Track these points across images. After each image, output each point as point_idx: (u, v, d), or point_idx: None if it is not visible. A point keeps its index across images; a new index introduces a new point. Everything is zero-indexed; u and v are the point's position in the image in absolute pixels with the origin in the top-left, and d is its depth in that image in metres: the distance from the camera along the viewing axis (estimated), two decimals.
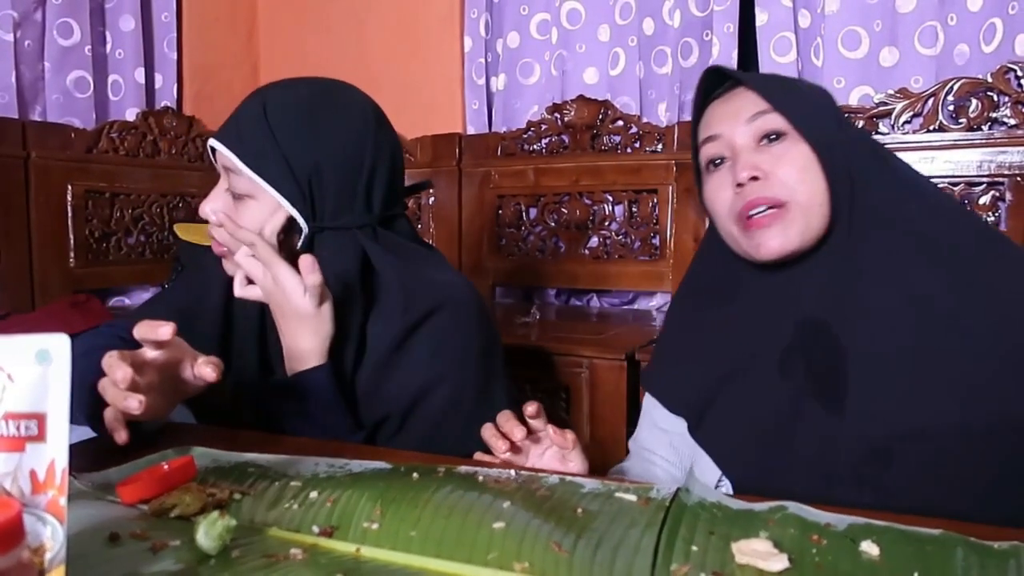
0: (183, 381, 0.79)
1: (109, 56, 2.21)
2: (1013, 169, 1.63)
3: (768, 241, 0.83)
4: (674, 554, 0.52)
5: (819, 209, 0.83)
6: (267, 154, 0.90)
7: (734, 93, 0.89)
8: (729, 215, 0.87)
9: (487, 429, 0.82)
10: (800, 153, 0.83)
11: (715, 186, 0.89)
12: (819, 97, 0.89)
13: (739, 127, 0.86)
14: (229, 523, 0.51)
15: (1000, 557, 0.52)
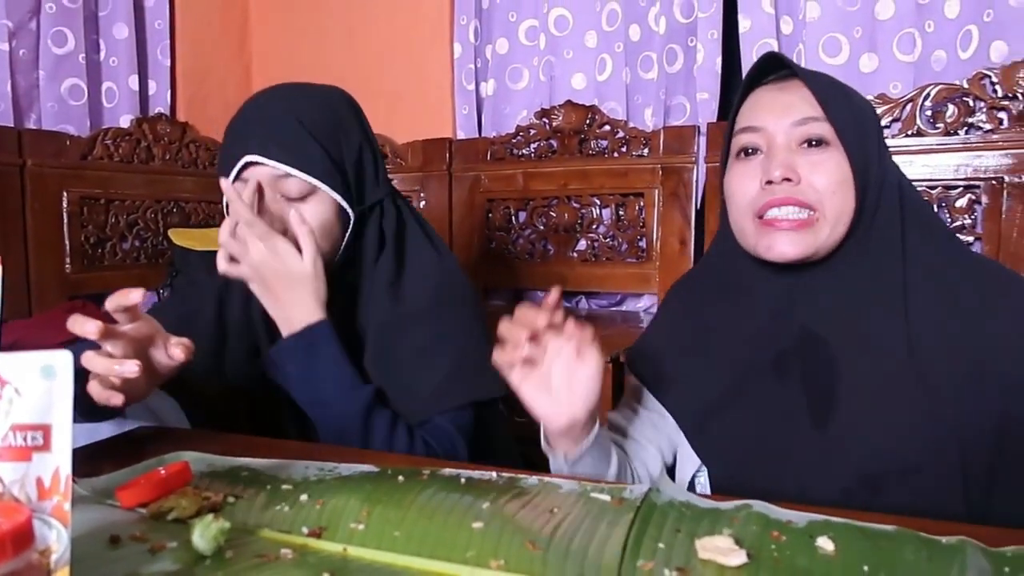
0: (156, 362, 0.82)
1: (103, 64, 2.23)
2: (988, 173, 1.66)
3: (782, 246, 0.81)
4: (641, 551, 0.56)
5: (841, 227, 0.82)
6: (314, 156, 0.95)
7: (788, 84, 0.86)
8: (748, 208, 0.85)
9: (504, 322, 0.77)
10: (838, 166, 0.81)
11: (741, 174, 0.87)
12: (868, 114, 0.88)
13: (784, 125, 0.83)
14: (223, 525, 0.55)
15: (948, 551, 0.55)
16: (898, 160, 1.71)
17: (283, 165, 0.93)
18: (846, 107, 0.84)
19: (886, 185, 0.84)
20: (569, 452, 0.82)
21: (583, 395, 0.78)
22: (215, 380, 1.05)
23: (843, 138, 0.81)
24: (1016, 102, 1.64)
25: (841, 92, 0.86)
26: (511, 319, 0.76)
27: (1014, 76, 1.63)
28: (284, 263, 0.92)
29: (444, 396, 0.99)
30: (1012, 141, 1.64)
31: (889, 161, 0.88)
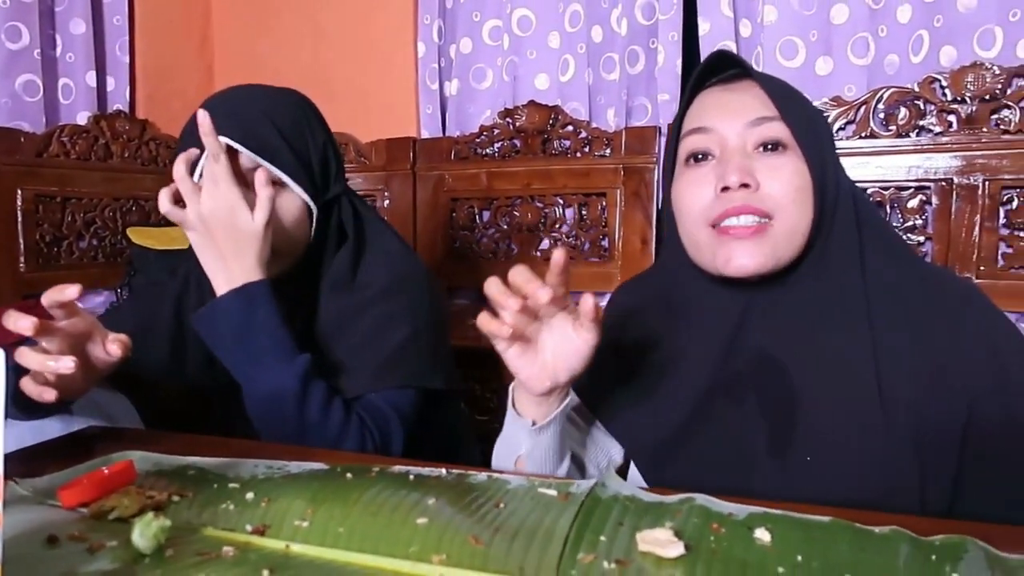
0: (93, 358, 0.81)
1: (59, 59, 2.19)
2: (939, 174, 1.71)
3: (740, 258, 0.76)
4: (583, 544, 0.56)
5: (800, 237, 0.77)
6: (282, 151, 0.96)
7: (738, 85, 0.81)
8: (701, 217, 0.79)
9: (492, 283, 0.70)
10: (797, 171, 0.77)
11: (692, 181, 0.80)
12: (822, 120, 0.84)
13: (738, 126, 0.78)
14: (164, 523, 0.54)
15: (880, 541, 0.57)
16: (852, 162, 1.77)
17: (256, 156, 0.94)
18: (801, 108, 0.80)
19: (841, 194, 0.80)
20: (538, 418, 0.79)
21: (569, 366, 0.74)
22: (173, 381, 1.05)
23: (800, 140, 0.77)
24: (964, 106, 1.68)
25: (795, 93, 0.82)
26: (500, 282, 0.69)
27: (962, 80, 1.67)
28: (235, 218, 0.90)
29: (384, 375, 0.98)
30: (961, 144, 1.68)
31: (841, 168, 0.84)
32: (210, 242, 0.92)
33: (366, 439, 0.92)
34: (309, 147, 1.01)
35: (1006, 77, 1.64)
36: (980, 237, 1.67)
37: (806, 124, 0.78)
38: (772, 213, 0.76)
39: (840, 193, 0.80)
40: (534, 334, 0.74)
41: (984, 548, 0.54)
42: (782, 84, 0.82)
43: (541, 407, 0.78)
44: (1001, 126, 1.66)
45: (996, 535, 0.56)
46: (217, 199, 0.90)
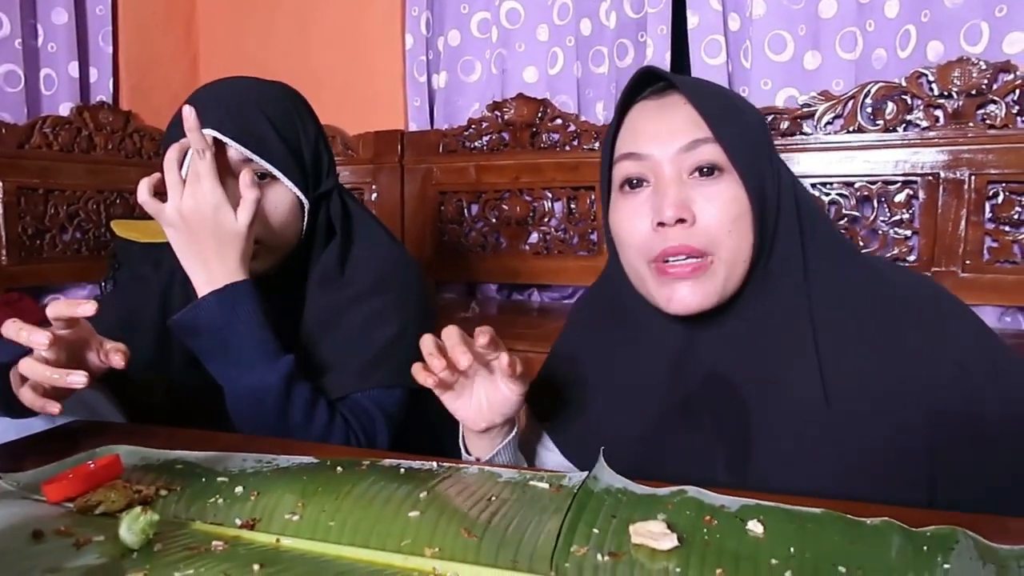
0: (88, 364, 0.80)
1: (41, 50, 2.16)
2: (926, 168, 1.72)
3: (683, 298, 0.74)
4: (576, 537, 0.56)
5: (742, 265, 0.75)
6: (274, 144, 0.95)
7: (668, 100, 0.78)
8: (640, 253, 0.77)
9: (427, 341, 0.74)
10: (734, 198, 0.74)
11: (629, 213, 0.78)
12: (756, 124, 0.80)
13: (671, 153, 0.75)
14: (152, 518, 0.54)
15: (871, 532, 0.57)
16: (840, 156, 1.78)
17: (245, 149, 0.92)
18: (735, 122, 0.76)
19: (783, 207, 0.77)
20: (482, 454, 0.83)
21: (501, 411, 0.79)
22: (157, 377, 1.03)
23: (736, 161, 0.74)
24: (951, 100, 1.69)
25: (727, 104, 0.78)
26: (435, 342, 0.74)
27: (949, 75, 1.68)
28: (217, 217, 0.88)
29: (369, 375, 0.97)
30: (948, 138, 1.69)
31: (782, 169, 0.80)
32: (190, 240, 0.89)
33: (350, 440, 0.91)
34: (301, 140, 1.00)
35: (992, 72, 1.65)
36: (966, 231, 1.69)
37: (740, 140, 0.75)
38: (710, 249, 0.74)
39: (781, 206, 0.77)
40: (468, 381, 0.79)
41: (975, 539, 0.55)
42: (713, 96, 0.78)
43: (483, 441, 0.83)
44: (987, 121, 1.67)
45: (987, 526, 0.57)
46: (199, 197, 0.88)
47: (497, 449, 0.83)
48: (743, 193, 0.74)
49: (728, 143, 0.74)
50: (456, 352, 0.72)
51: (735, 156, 0.74)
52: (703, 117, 0.74)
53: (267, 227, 0.95)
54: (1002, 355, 0.77)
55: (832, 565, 0.52)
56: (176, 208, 0.88)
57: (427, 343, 0.74)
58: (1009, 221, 1.67)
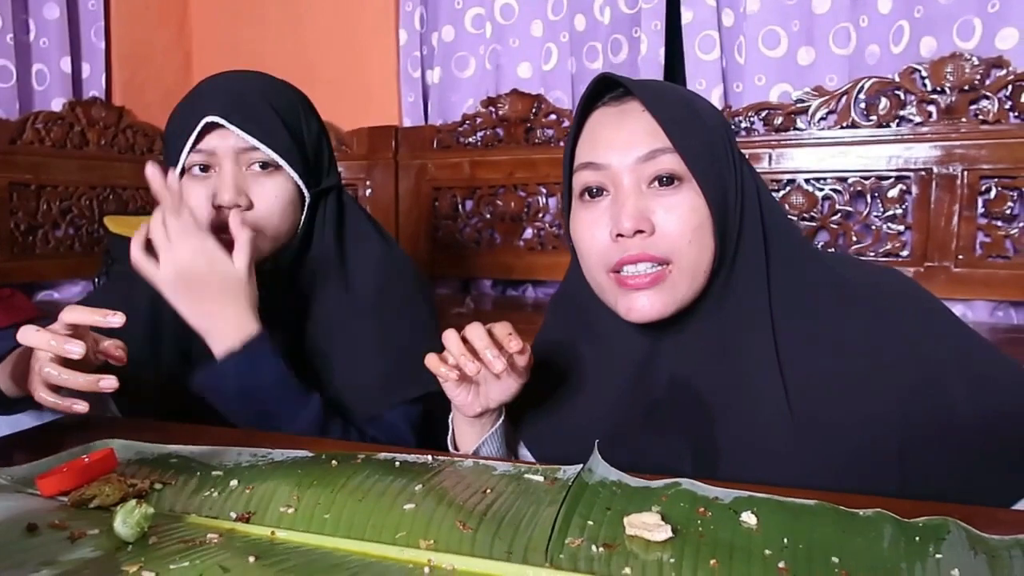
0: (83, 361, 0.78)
1: (33, 45, 2.15)
2: (919, 164, 1.72)
3: (642, 308, 0.75)
4: (570, 529, 0.56)
5: (701, 274, 0.75)
6: (278, 132, 0.94)
7: (627, 107, 0.77)
8: (600, 263, 0.77)
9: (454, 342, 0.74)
10: (694, 208, 0.74)
11: (588, 222, 0.78)
12: (718, 129, 0.78)
13: (630, 163, 0.75)
14: (147, 511, 0.54)
15: (864, 523, 0.57)
16: (833, 151, 1.78)
17: (249, 136, 0.92)
18: (695, 130, 0.75)
19: (746, 209, 0.77)
20: (468, 446, 0.85)
21: (498, 397, 0.81)
22: (147, 374, 1.02)
23: (695, 171, 0.74)
24: (944, 96, 1.70)
25: (686, 111, 0.77)
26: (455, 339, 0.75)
27: (942, 71, 1.68)
28: (214, 266, 0.86)
29: (392, 391, 0.97)
30: (940, 134, 1.70)
31: (745, 172, 0.79)
32: (192, 298, 0.87)
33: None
34: (303, 132, 0.99)
35: (985, 68, 1.66)
36: (959, 226, 1.69)
37: (701, 146, 0.75)
38: (669, 257, 0.74)
39: (745, 211, 0.77)
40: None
41: (966, 529, 0.55)
42: (672, 104, 0.77)
43: (474, 428, 0.84)
44: (980, 116, 1.68)
45: (978, 516, 0.57)
46: (191, 253, 0.85)
47: (484, 438, 0.84)
48: (703, 203, 0.74)
49: (687, 152, 0.73)
50: (487, 356, 0.72)
51: (694, 165, 0.74)
52: (661, 125, 0.74)
53: (267, 215, 0.94)
54: (972, 346, 0.77)
55: (825, 556, 0.52)
56: (171, 269, 0.86)
57: (453, 345, 0.74)
58: (1001, 216, 1.67)
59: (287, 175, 0.96)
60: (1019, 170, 1.64)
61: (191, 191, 0.93)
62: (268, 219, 0.95)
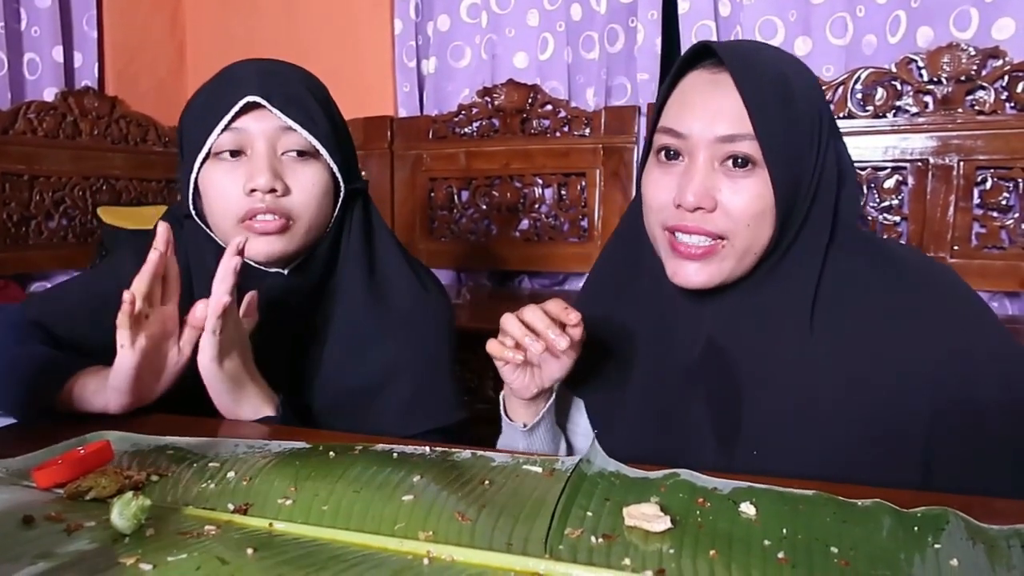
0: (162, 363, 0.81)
1: (24, 34, 2.13)
2: (915, 155, 1.72)
3: (687, 275, 0.77)
4: (570, 520, 0.56)
5: (753, 256, 0.77)
6: (318, 116, 0.91)
7: (720, 77, 0.76)
8: (658, 218, 0.80)
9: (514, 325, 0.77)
10: (760, 195, 0.75)
11: (657, 178, 0.80)
12: (807, 115, 0.77)
13: (710, 139, 0.75)
14: (143, 503, 0.53)
15: (862, 513, 0.57)
16: None
17: (289, 119, 0.88)
18: (780, 117, 0.75)
19: (819, 198, 0.78)
20: (528, 420, 0.88)
21: (552, 376, 0.84)
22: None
23: (770, 161, 0.74)
24: (940, 86, 1.70)
25: (780, 92, 0.75)
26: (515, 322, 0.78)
27: (939, 61, 1.68)
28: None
29: (410, 420, 0.95)
30: (936, 124, 1.70)
31: (829, 159, 0.79)
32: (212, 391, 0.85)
33: None
34: (338, 120, 0.96)
35: (981, 58, 1.65)
36: (954, 217, 1.70)
37: (782, 135, 0.75)
38: (726, 234, 0.75)
39: (817, 199, 0.78)
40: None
41: (964, 519, 0.55)
42: (767, 83, 0.76)
43: (529, 408, 0.88)
44: (976, 107, 1.68)
45: (976, 507, 0.57)
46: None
47: (541, 413, 0.88)
48: (770, 191, 0.75)
49: (766, 142, 0.74)
50: (550, 335, 0.75)
51: (770, 156, 0.74)
52: (748, 109, 0.74)
53: (304, 204, 0.91)
54: (1008, 346, 0.77)
55: (824, 546, 0.52)
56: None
57: (515, 327, 0.77)
58: (997, 207, 1.68)
59: (324, 164, 0.92)
60: (1015, 161, 1.65)
61: (217, 179, 0.90)
62: (305, 208, 0.91)
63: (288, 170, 0.90)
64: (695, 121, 0.77)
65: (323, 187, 0.92)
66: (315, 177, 0.91)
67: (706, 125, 0.76)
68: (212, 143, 0.88)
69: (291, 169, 0.90)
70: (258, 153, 0.89)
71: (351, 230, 0.98)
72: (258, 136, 0.89)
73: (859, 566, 0.49)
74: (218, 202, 0.90)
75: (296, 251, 0.93)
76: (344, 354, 0.96)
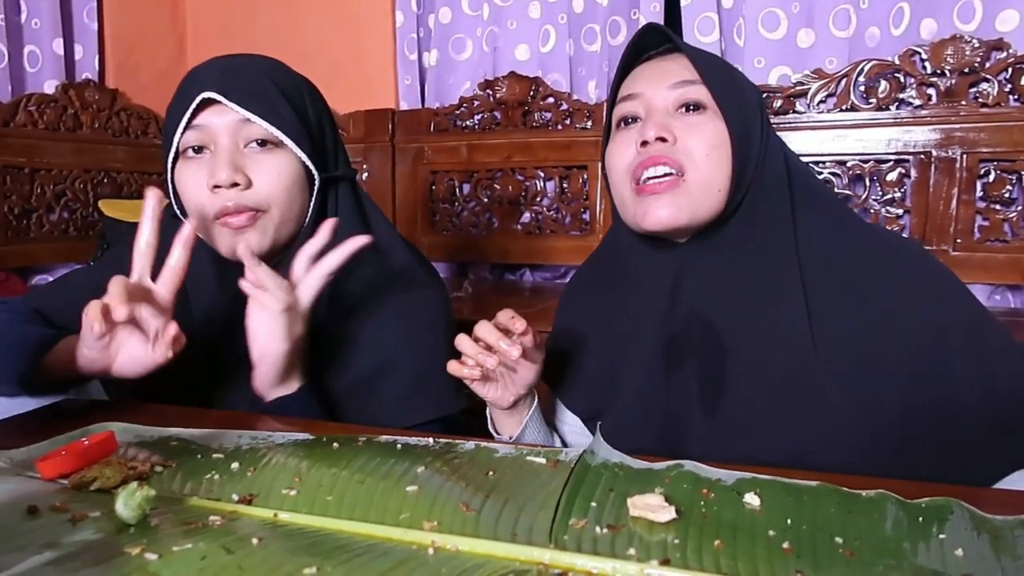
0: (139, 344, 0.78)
1: (25, 26, 2.12)
2: (918, 147, 1.72)
3: (657, 210, 0.80)
4: (574, 510, 0.56)
5: (717, 193, 0.80)
6: (279, 106, 0.90)
7: (668, 58, 0.85)
8: (625, 173, 0.83)
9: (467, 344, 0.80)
10: (715, 130, 0.80)
11: (619, 143, 0.85)
12: (750, 91, 0.86)
13: (661, 90, 0.83)
14: (148, 493, 0.53)
15: (867, 504, 0.57)
16: (832, 134, 1.77)
17: (245, 110, 0.88)
18: (725, 77, 0.84)
19: (769, 160, 0.83)
20: (513, 431, 0.92)
21: (524, 383, 0.88)
22: None
23: (720, 102, 0.80)
24: (944, 79, 1.69)
25: (723, 65, 0.87)
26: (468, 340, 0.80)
27: (942, 53, 1.68)
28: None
29: (411, 410, 0.95)
30: (940, 117, 1.69)
31: (774, 139, 0.86)
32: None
33: None
34: (308, 110, 0.95)
35: (985, 50, 1.65)
36: (957, 210, 1.69)
37: (728, 88, 0.82)
38: (685, 167, 0.80)
39: (767, 158, 0.83)
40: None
41: (969, 510, 0.55)
42: (712, 56, 0.88)
43: (513, 418, 0.92)
44: (979, 99, 1.67)
45: (981, 497, 0.57)
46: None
47: (524, 422, 0.91)
48: (724, 129, 0.80)
49: (715, 87, 0.81)
50: (501, 346, 0.78)
51: (720, 98, 0.81)
52: (695, 66, 0.82)
53: (269, 195, 0.90)
54: (980, 319, 0.78)
55: (829, 536, 0.52)
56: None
57: (468, 346, 0.80)
58: (1000, 199, 1.67)
59: (290, 153, 0.91)
60: (1018, 153, 1.64)
61: (186, 177, 0.90)
62: (271, 199, 0.90)
63: (251, 162, 0.90)
64: (647, 82, 0.85)
65: (290, 176, 0.91)
66: (280, 167, 0.91)
67: (658, 81, 0.84)
68: (178, 141, 0.90)
69: (254, 161, 0.90)
70: (220, 148, 0.89)
71: (336, 213, 0.97)
72: (219, 131, 0.89)
73: (863, 556, 0.49)
74: (189, 200, 0.91)
75: (273, 244, 0.92)
76: (341, 345, 0.96)
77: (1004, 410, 0.74)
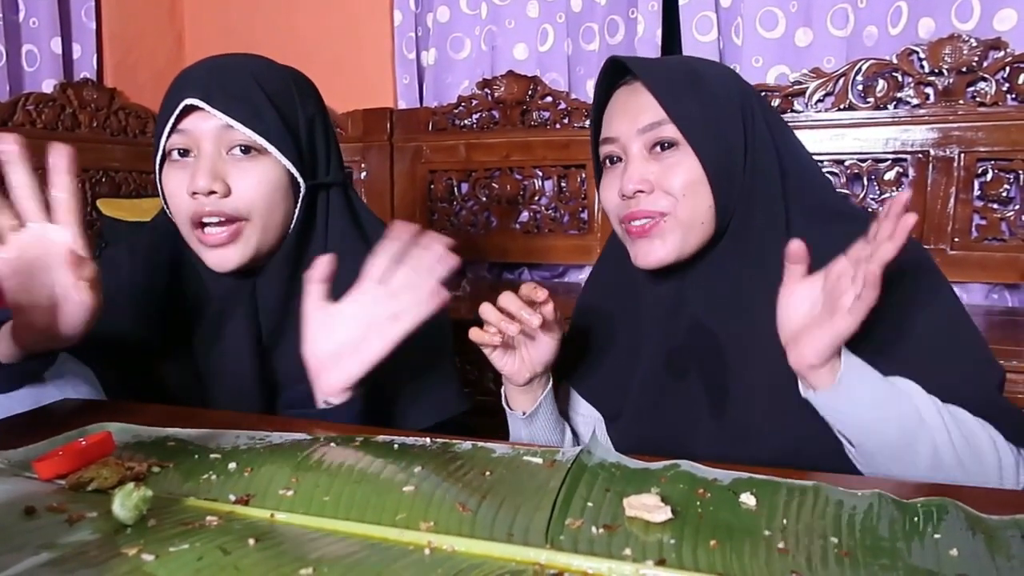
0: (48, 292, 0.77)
1: (22, 25, 2.12)
2: (916, 146, 1.72)
3: (646, 254, 0.86)
4: (570, 510, 0.56)
5: (701, 226, 0.85)
6: (264, 112, 0.89)
7: (636, 86, 0.88)
8: (615, 216, 0.90)
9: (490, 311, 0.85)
10: (689, 167, 0.84)
11: (608, 184, 0.91)
12: (724, 95, 0.87)
13: (633, 135, 0.86)
14: (145, 494, 0.53)
15: (862, 504, 0.57)
16: (830, 133, 1.78)
17: (226, 116, 0.87)
18: (693, 102, 0.85)
19: (759, 166, 0.85)
20: (527, 407, 0.95)
21: (541, 359, 0.90)
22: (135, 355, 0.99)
23: (689, 137, 0.84)
24: (941, 78, 1.69)
25: (687, 81, 0.87)
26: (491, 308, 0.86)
27: (940, 52, 1.68)
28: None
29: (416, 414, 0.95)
30: (937, 116, 1.70)
31: (762, 139, 0.88)
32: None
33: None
34: (297, 115, 0.94)
35: (983, 49, 1.65)
36: (955, 209, 1.69)
37: (697, 116, 0.84)
38: (667, 209, 0.85)
39: (758, 162, 0.86)
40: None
41: (964, 510, 0.55)
42: (678, 76, 0.87)
43: (527, 395, 0.95)
44: (977, 98, 1.68)
45: (976, 497, 0.57)
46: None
47: (539, 400, 0.94)
48: (698, 164, 0.84)
49: (680, 121, 0.84)
50: (523, 315, 0.83)
51: (688, 132, 0.84)
52: (660, 99, 0.84)
53: (249, 203, 0.89)
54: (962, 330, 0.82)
55: (824, 536, 0.52)
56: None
57: (491, 313, 0.85)
58: (997, 199, 1.67)
59: (274, 160, 0.90)
60: (1016, 153, 1.64)
61: (169, 181, 0.90)
62: (252, 207, 0.89)
63: (234, 168, 0.89)
64: (620, 124, 0.88)
65: (272, 184, 0.90)
66: (262, 175, 0.90)
67: (630, 123, 0.87)
68: (164, 145, 0.90)
69: (237, 167, 0.89)
70: (203, 154, 0.88)
71: (327, 226, 0.97)
72: (203, 136, 0.89)
73: (859, 556, 0.49)
74: (171, 204, 0.91)
75: (256, 252, 0.92)
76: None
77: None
